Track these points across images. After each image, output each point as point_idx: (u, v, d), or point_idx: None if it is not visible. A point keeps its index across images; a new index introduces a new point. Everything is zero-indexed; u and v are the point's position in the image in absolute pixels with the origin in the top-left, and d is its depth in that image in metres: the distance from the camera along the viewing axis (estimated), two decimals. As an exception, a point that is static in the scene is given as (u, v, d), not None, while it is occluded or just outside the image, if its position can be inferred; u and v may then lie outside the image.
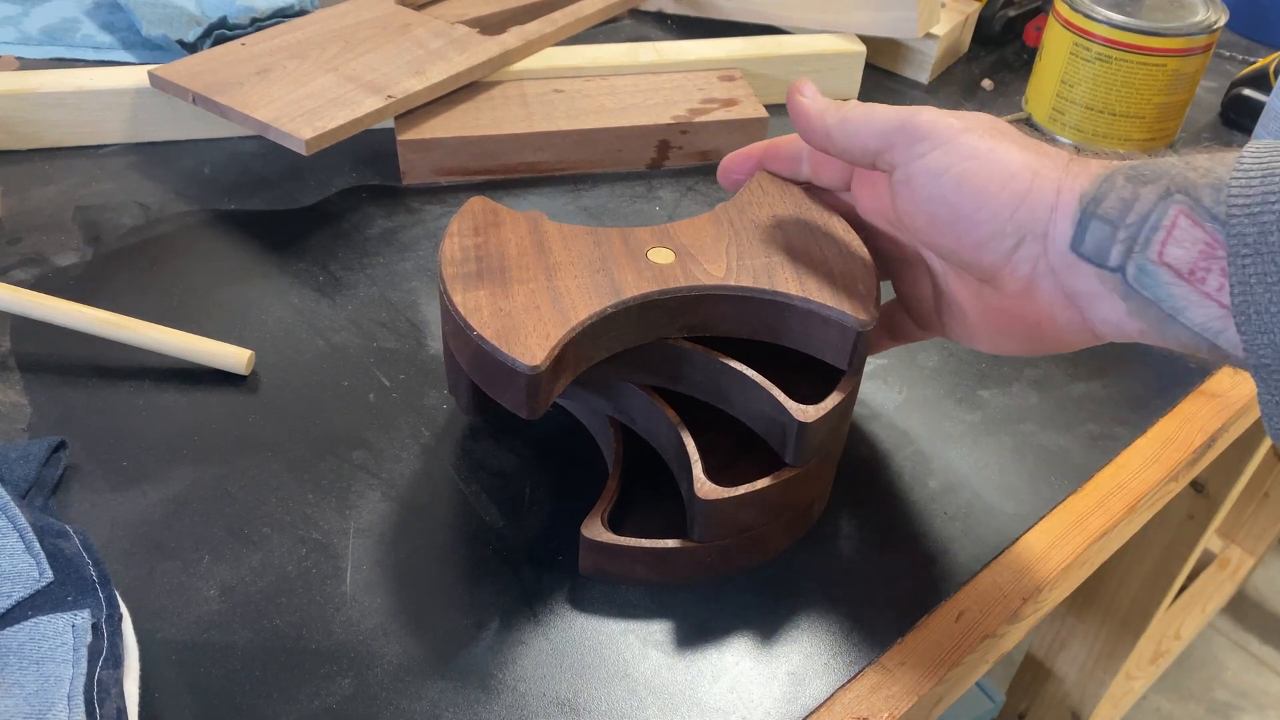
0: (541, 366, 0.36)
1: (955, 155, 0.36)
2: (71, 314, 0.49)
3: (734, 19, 0.80)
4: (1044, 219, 0.35)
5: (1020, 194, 0.35)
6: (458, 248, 0.41)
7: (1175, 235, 0.32)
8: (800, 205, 0.44)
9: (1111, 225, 0.33)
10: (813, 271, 0.40)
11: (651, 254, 0.41)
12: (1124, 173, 0.34)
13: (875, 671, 0.39)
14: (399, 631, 0.39)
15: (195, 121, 0.65)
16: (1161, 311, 0.32)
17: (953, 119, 0.37)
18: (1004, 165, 0.35)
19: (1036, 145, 0.36)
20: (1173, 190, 0.32)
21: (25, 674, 0.33)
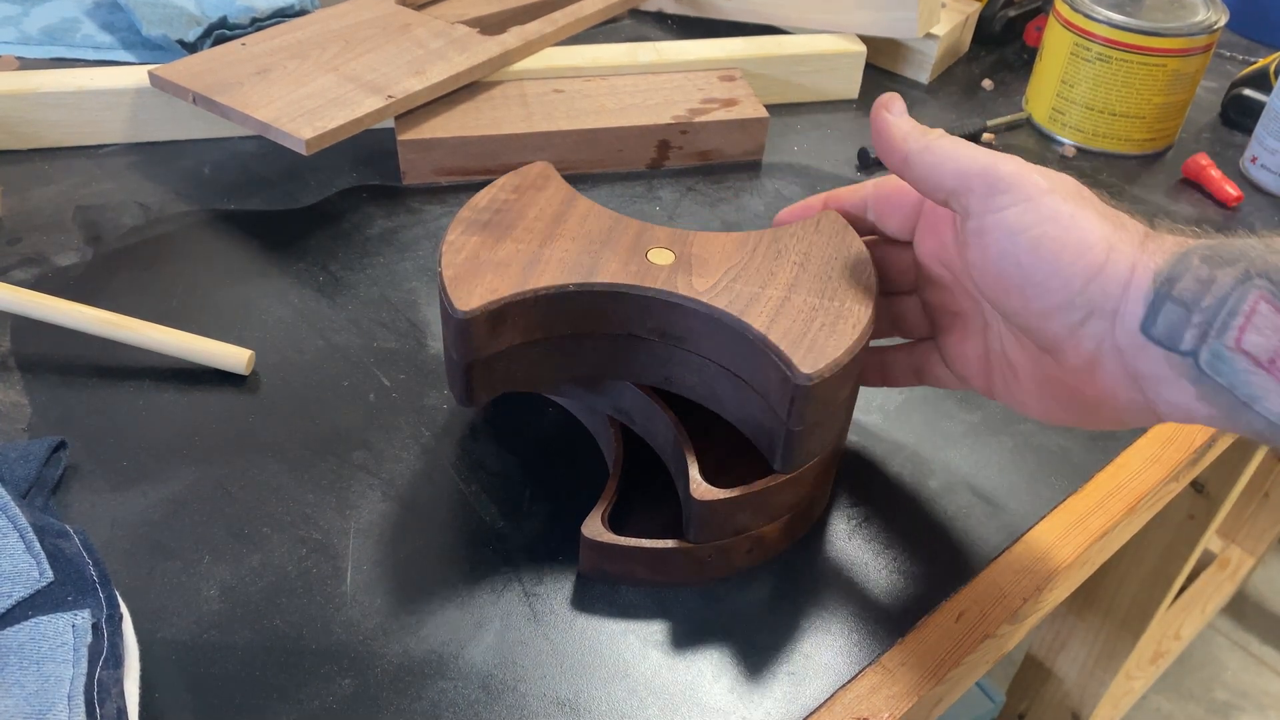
0: (472, 314, 0.38)
1: (1035, 216, 0.34)
2: (71, 314, 0.49)
3: (734, 19, 0.80)
4: (1116, 296, 0.33)
5: (1095, 266, 0.33)
6: (489, 197, 0.43)
7: (1255, 322, 0.30)
8: (844, 250, 0.41)
9: (1186, 308, 0.32)
10: (795, 314, 0.38)
11: (653, 253, 0.41)
12: (1200, 252, 0.32)
13: (875, 671, 0.39)
14: (399, 631, 0.39)
15: (195, 121, 0.65)
16: (1235, 398, 0.31)
17: (1038, 175, 0.35)
18: (1083, 235, 0.34)
19: (1116, 216, 0.35)
20: (1252, 274, 0.31)
21: (25, 674, 0.33)
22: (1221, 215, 0.66)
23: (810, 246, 0.41)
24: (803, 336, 0.37)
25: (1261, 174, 0.69)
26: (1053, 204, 0.34)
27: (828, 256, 0.41)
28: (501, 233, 0.41)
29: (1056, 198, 0.34)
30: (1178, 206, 0.67)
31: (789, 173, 0.67)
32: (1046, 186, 0.35)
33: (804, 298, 0.39)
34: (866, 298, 0.39)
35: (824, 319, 0.38)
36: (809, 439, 0.38)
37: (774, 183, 0.66)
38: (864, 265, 0.41)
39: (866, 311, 0.39)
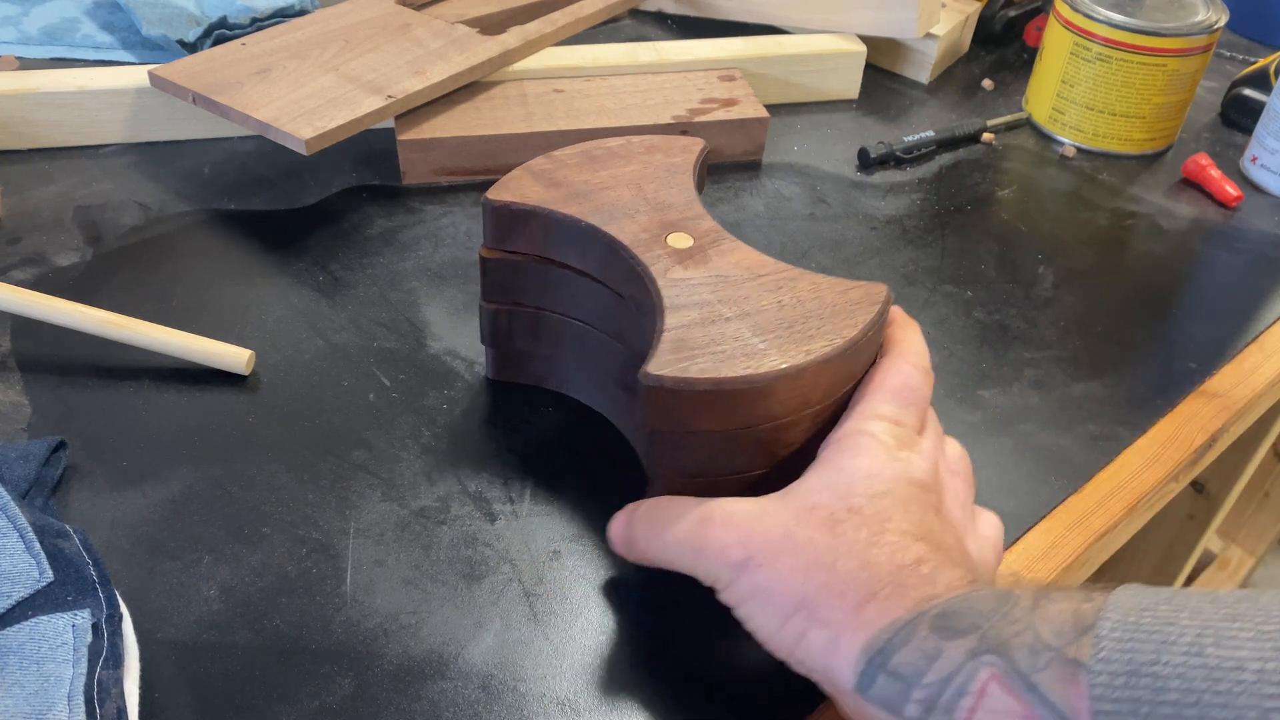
0: (495, 204, 0.43)
1: (737, 596, 0.34)
2: (71, 314, 0.49)
3: (734, 19, 0.80)
4: (821, 660, 0.32)
5: (796, 635, 0.33)
6: (623, 142, 0.47)
7: (985, 703, 0.28)
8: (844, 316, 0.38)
9: (905, 683, 0.30)
10: (714, 335, 0.37)
11: (673, 236, 0.42)
12: (929, 621, 0.30)
13: (875, 671, 0.39)
14: (399, 631, 0.39)
15: (195, 121, 0.65)
16: None
17: (734, 549, 0.34)
18: (777, 607, 0.33)
19: (831, 562, 0.32)
20: (982, 650, 0.29)
21: (25, 674, 0.33)
22: (1221, 215, 0.66)
23: (811, 299, 0.38)
24: (690, 349, 0.36)
25: (1261, 174, 0.69)
26: (747, 581, 0.34)
27: (812, 313, 0.38)
28: (593, 167, 0.45)
29: (749, 571, 0.34)
30: (1177, 206, 0.67)
31: (789, 173, 0.67)
32: (739, 561, 0.34)
33: (740, 327, 0.37)
34: (797, 358, 0.36)
35: (731, 349, 0.36)
36: (664, 450, 0.38)
37: (774, 183, 0.66)
38: (834, 338, 0.37)
39: (778, 364, 0.35)
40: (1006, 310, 0.57)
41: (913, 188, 0.67)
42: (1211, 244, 0.64)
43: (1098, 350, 0.54)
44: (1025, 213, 0.65)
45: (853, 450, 0.36)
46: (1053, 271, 0.60)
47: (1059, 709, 0.27)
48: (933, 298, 0.57)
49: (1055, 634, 0.28)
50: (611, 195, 0.43)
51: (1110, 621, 0.27)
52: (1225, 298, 0.59)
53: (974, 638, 0.29)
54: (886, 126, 0.73)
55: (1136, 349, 0.55)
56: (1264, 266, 0.62)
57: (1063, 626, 0.28)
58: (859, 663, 0.31)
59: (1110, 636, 0.27)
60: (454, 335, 0.52)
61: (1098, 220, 0.65)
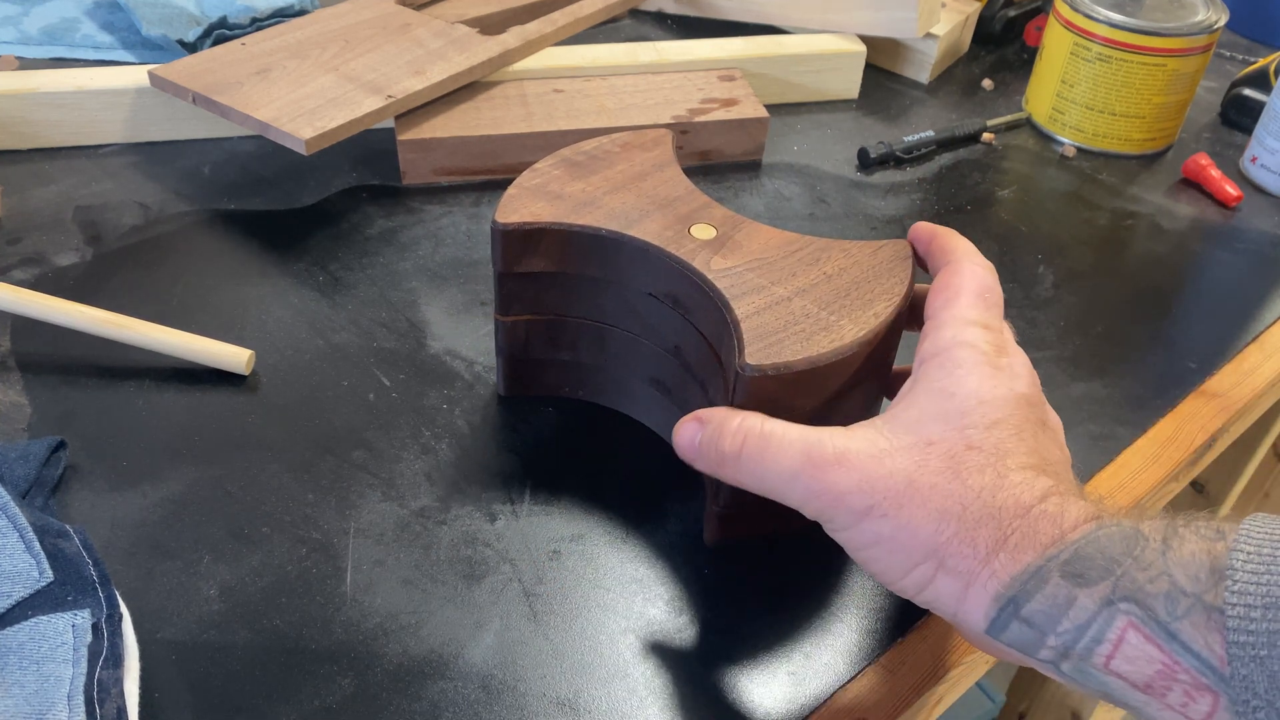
0: (506, 227, 0.42)
1: (858, 541, 0.33)
2: (71, 314, 0.49)
3: (734, 19, 0.80)
4: (950, 606, 0.32)
5: (922, 582, 0.32)
6: (595, 144, 0.46)
7: (1124, 651, 0.28)
8: (881, 280, 0.40)
9: (1038, 630, 0.30)
10: (784, 314, 0.38)
11: (696, 227, 0.42)
12: (1059, 567, 0.30)
13: (875, 671, 0.39)
14: (399, 631, 0.39)
15: (195, 121, 0.65)
16: (1111, 698, 0.29)
17: (854, 495, 0.32)
18: (905, 556, 0.32)
19: (959, 511, 0.31)
20: (1117, 598, 0.28)
21: (25, 674, 0.33)
22: (1221, 215, 0.66)
23: (851, 265, 0.40)
24: (772, 334, 0.37)
25: (1261, 174, 0.69)
26: (869, 528, 0.32)
27: (860, 278, 0.40)
28: (583, 174, 0.44)
29: (872, 520, 0.32)
30: (1177, 206, 0.67)
31: (789, 173, 0.67)
32: (861, 509, 0.32)
33: (804, 304, 0.39)
34: (869, 321, 0.38)
35: (808, 326, 0.38)
36: None
37: (774, 182, 0.66)
38: (892, 297, 0.39)
39: (856, 332, 0.37)
40: (1006, 310, 0.56)
41: (913, 188, 0.67)
42: (1211, 244, 0.64)
43: (1098, 350, 0.54)
44: (1025, 213, 0.65)
45: (956, 367, 0.34)
46: (1053, 271, 0.60)
47: (1203, 656, 0.27)
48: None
49: (1191, 579, 0.28)
50: (616, 199, 0.43)
51: (1243, 554, 0.27)
52: (1225, 298, 0.59)
53: (1107, 584, 0.29)
54: (886, 126, 0.73)
55: (1136, 349, 0.55)
56: (1264, 266, 0.62)
57: (1198, 571, 0.28)
58: (990, 610, 0.31)
59: (1244, 569, 0.27)
60: (454, 335, 0.52)
61: (1098, 220, 0.65)
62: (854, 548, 0.34)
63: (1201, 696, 0.27)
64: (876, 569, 0.33)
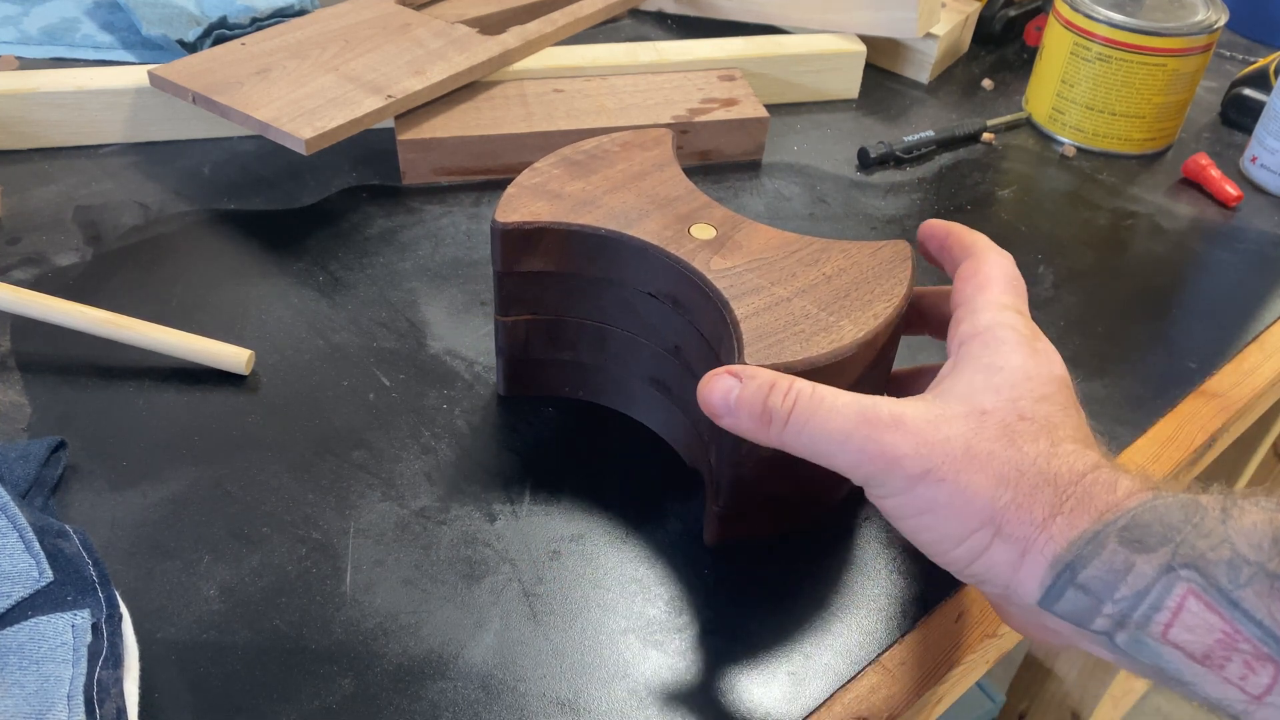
0: (505, 226, 0.42)
1: (911, 505, 0.32)
2: (71, 314, 0.49)
3: (734, 19, 0.80)
4: (1004, 575, 0.31)
5: (977, 550, 0.32)
6: (595, 143, 0.46)
7: (1183, 619, 0.28)
8: (880, 281, 0.40)
9: (1095, 598, 0.29)
10: (784, 314, 0.38)
11: (696, 227, 0.42)
12: (1116, 534, 0.29)
13: (875, 671, 0.39)
14: (399, 631, 0.39)
15: (195, 121, 0.65)
16: (1165, 674, 0.29)
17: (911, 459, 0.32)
18: (961, 522, 0.32)
19: (1015, 477, 0.31)
20: (1177, 565, 0.28)
21: (25, 674, 0.33)
22: (1221, 215, 0.66)
23: (851, 265, 0.41)
24: (771, 334, 0.37)
25: (1261, 174, 0.69)
26: (925, 493, 0.32)
27: (860, 279, 0.40)
28: (583, 173, 0.44)
29: (929, 484, 0.32)
30: (1177, 206, 0.67)
31: (789, 172, 0.67)
32: (918, 473, 0.32)
33: (804, 304, 0.39)
34: (868, 323, 0.38)
35: (808, 327, 0.38)
36: None
37: (774, 182, 0.66)
38: (892, 298, 0.39)
39: (855, 333, 0.37)
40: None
41: (913, 188, 0.67)
42: (1211, 244, 0.64)
43: (1098, 350, 0.54)
44: (1025, 213, 0.65)
45: (1000, 344, 0.34)
46: (1053, 271, 0.60)
47: (1265, 625, 0.27)
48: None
49: (1253, 548, 0.28)
50: (616, 199, 0.43)
51: None
52: (1225, 298, 0.59)
53: (1166, 551, 0.28)
54: (886, 126, 0.73)
55: (1136, 349, 0.55)
56: (1264, 266, 0.62)
57: (1261, 540, 0.28)
58: (1046, 578, 0.30)
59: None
60: (454, 335, 0.52)
61: (1098, 220, 0.65)
62: (905, 514, 0.33)
63: (1263, 667, 0.27)
64: (928, 537, 0.33)
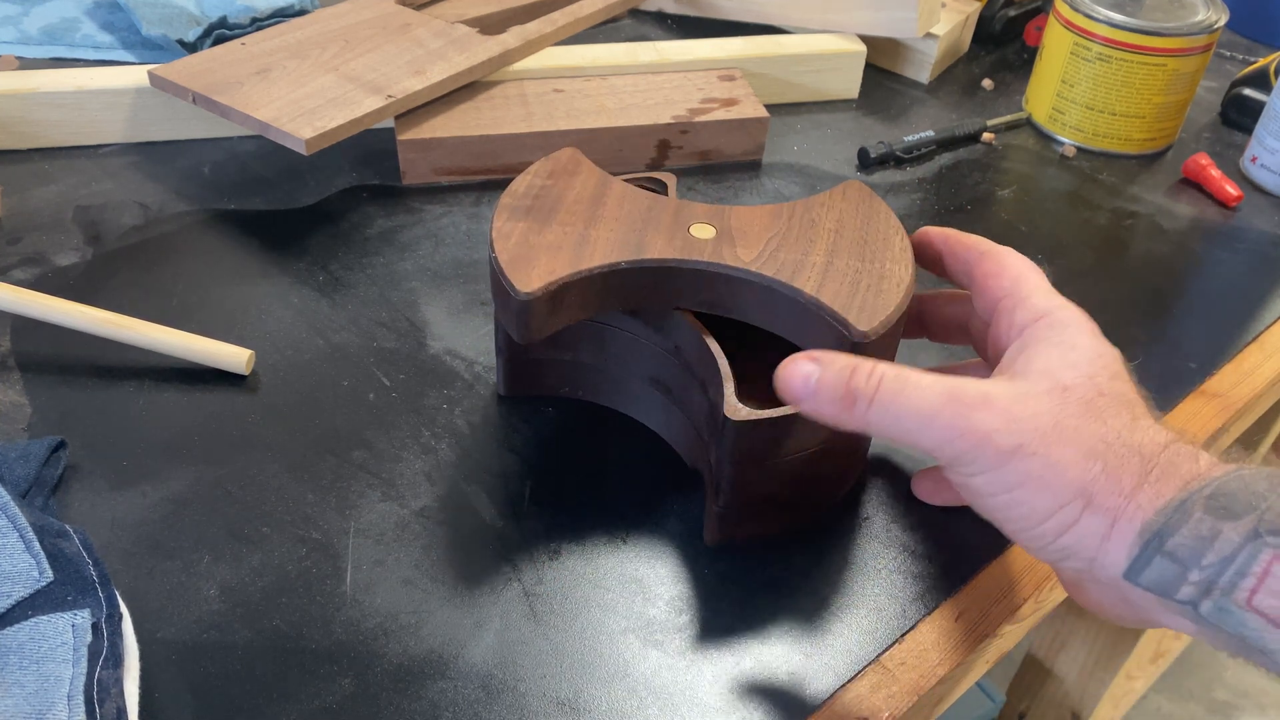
0: (534, 295, 0.39)
1: (1000, 482, 0.33)
2: (71, 314, 0.49)
3: (734, 19, 0.80)
4: (1092, 547, 0.32)
5: (1066, 523, 0.32)
6: (525, 184, 0.44)
7: (1269, 584, 0.28)
8: (871, 217, 0.43)
9: (1182, 565, 0.30)
10: (840, 277, 0.40)
11: (694, 228, 0.42)
12: (1202, 502, 0.30)
13: (875, 671, 0.39)
14: (399, 631, 0.39)
15: (195, 121, 0.65)
16: (1247, 644, 0.29)
17: (1001, 435, 0.32)
18: (1053, 496, 0.32)
19: (1103, 449, 0.32)
20: (1263, 531, 0.28)
21: (25, 674, 0.33)
22: (1221, 215, 0.66)
23: (842, 214, 0.43)
24: (852, 298, 0.39)
25: (1261, 174, 0.69)
26: (1017, 468, 0.32)
27: (859, 223, 0.43)
28: (545, 217, 0.43)
29: (1021, 458, 0.32)
30: (1177, 206, 0.67)
31: (789, 172, 0.67)
32: (1009, 448, 0.32)
33: (846, 261, 0.41)
34: (904, 258, 0.41)
35: (869, 280, 0.40)
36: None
37: (774, 182, 0.66)
38: (896, 229, 0.43)
39: (907, 272, 0.41)
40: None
41: (913, 188, 0.67)
42: (1211, 244, 0.64)
43: (1098, 350, 0.54)
44: (1025, 213, 0.65)
45: (1067, 326, 0.35)
46: (1053, 271, 0.60)
47: None
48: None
49: None
50: (606, 227, 0.42)
51: None
52: (1225, 298, 0.59)
53: (1252, 518, 0.29)
54: (886, 126, 0.73)
55: (1136, 349, 0.55)
56: (1264, 266, 0.62)
57: None
58: (1134, 547, 0.31)
59: None
60: (454, 335, 0.52)
61: (1098, 220, 0.65)
62: (994, 491, 0.33)
63: None
64: (1018, 512, 0.33)
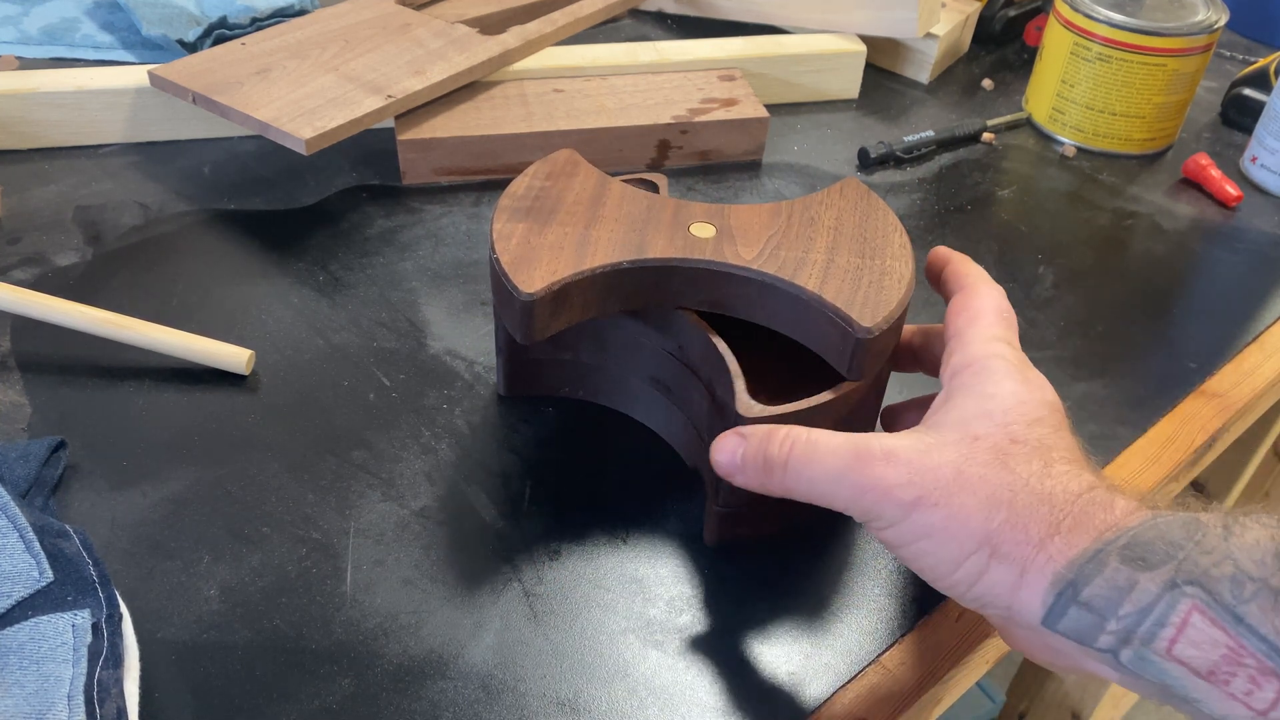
0: (537, 295, 0.39)
1: (909, 534, 0.33)
2: (71, 314, 0.49)
3: (734, 19, 0.80)
4: (1004, 597, 0.32)
5: (975, 574, 0.32)
6: (524, 185, 0.44)
7: (1188, 635, 0.28)
8: (869, 214, 0.44)
9: (1099, 615, 0.29)
10: (842, 275, 0.40)
11: (694, 227, 0.42)
12: (1117, 552, 0.30)
13: (875, 671, 0.39)
14: (399, 631, 0.39)
15: (195, 121, 0.65)
16: (1171, 692, 0.29)
17: (902, 488, 0.33)
18: (957, 546, 0.32)
19: (1009, 498, 0.32)
20: (1180, 581, 0.28)
21: (25, 674, 0.33)
22: (1221, 215, 0.66)
23: (840, 212, 0.44)
24: (855, 294, 0.40)
25: (1261, 174, 0.69)
26: (920, 519, 0.32)
27: (858, 220, 0.43)
28: (545, 218, 0.43)
29: (922, 510, 0.32)
30: (1177, 206, 0.67)
31: (789, 172, 0.67)
32: (910, 500, 0.32)
33: (846, 259, 0.41)
34: (904, 255, 0.42)
35: (870, 277, 0.41)
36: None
37: (774, 182, 0.66)
38: (894, 226, 0.43)
39: (908, 268, 0.41)
40: (1006, 310, 0.57)
41: (913, 188, 0.67)
42: (1211, 244, 0.64)
43: (1098, 350, 0.54)
44: (1025, 213, 0.65)
45: (991, 374, 0.35)
46: (1053, 271, 0.60)
47: (1270, 640, 0.27)
48: (933, 298, 0.57)
49: (1257, 564, 0.28)
50: (606, 227, 0.42)
51: None
52: (1225, 298, 0.59)
53: (1169, 568, 0.29)
54: (886, 126, 0.73)
55: (1136, 349, 0.55)
56: (1264, 266, 0.62)
57: (1264, 556, 0.28)
58: (1047, 597, 0.30)
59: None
60: (454, 335, 0.52)
61: (1098, 220, 0.65)
62: (902, 543, 0.33)
63: (1267, 682, 0.27)
64: (926, 563, 0.33)
